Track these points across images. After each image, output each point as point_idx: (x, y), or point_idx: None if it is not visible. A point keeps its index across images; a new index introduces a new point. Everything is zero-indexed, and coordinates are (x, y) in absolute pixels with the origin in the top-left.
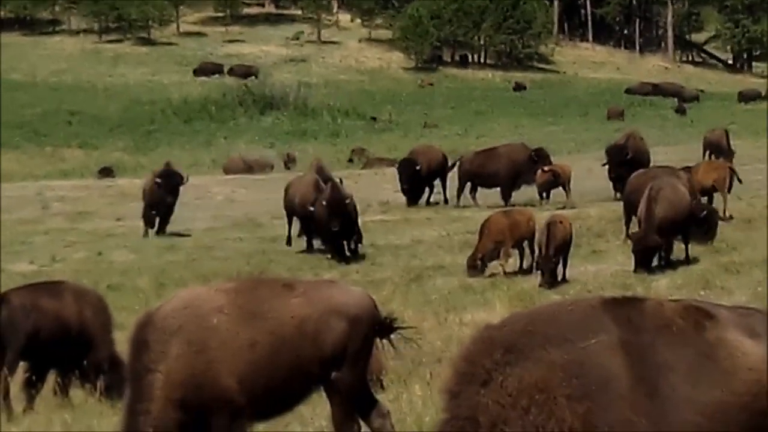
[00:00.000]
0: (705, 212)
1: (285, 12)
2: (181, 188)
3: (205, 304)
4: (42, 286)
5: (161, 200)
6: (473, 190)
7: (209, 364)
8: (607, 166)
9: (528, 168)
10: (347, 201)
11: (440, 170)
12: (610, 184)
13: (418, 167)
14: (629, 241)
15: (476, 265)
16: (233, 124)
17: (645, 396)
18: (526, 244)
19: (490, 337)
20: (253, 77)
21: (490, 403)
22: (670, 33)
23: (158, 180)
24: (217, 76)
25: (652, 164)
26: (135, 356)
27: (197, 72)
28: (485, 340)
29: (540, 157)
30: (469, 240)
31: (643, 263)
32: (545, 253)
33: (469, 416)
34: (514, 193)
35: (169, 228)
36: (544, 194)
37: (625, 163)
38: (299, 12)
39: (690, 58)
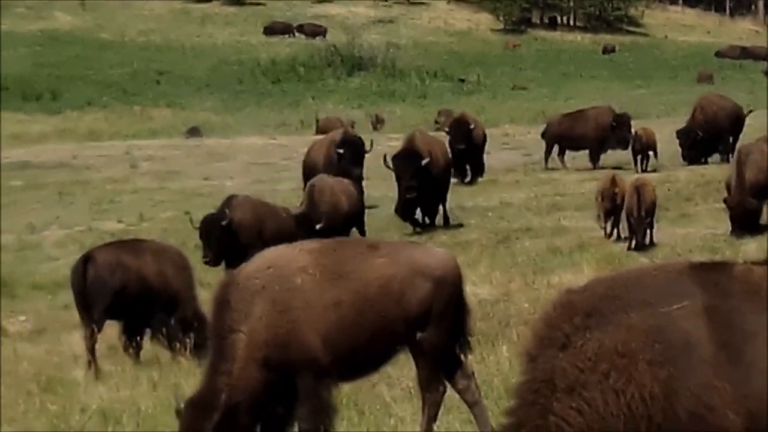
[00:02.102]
0: None
1: None
2: (270, 148)
3: (289, 264)
4: (125, 244)
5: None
6: (561, 153)
7: (293, 323)
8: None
9: (615, 131)
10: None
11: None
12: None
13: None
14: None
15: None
16: (321, 84)
17: (728, 362)
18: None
19: (570, 302)
20: (321, 36)
21: (568, 366)
22: None
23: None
24: (287, 36)
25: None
26: (218, 316)
27: (267, 31)
28: (565, 304)
29: (621, 122)
30: (558, 202)
31: (742, 227)
32: (637, 215)
33: (546, 379)
34: (602, 156)
35: (256, 188)
36: (639, 158)
37: (701, 141)
38: None
39: None
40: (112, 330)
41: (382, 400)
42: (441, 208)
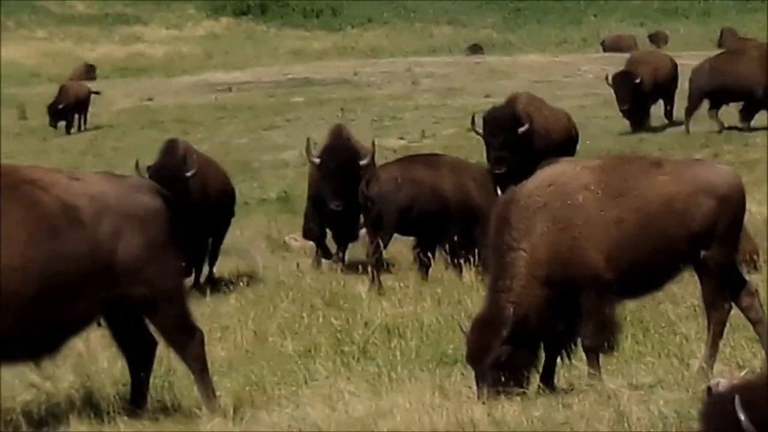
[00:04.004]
0: None
1: None
2: (551, 66)
3: (570, 181)
4: (417, 159)
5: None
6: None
7: (575, 240)
8: None
9: None
10: None
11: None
12: None
13: (638, 80)
14: None
15: None
16: (604, 2)
17: None
18: None
19: None
20: None
21: None
22: None
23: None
24: None
25: None
26: (498, 234)
27: None
28: None
29: None
30: None
31: None
32: None
33: None
34: None
35: None
36: None
37: None
38: None
39: None
40: (393, 246)
41: (667, 318)
42: None
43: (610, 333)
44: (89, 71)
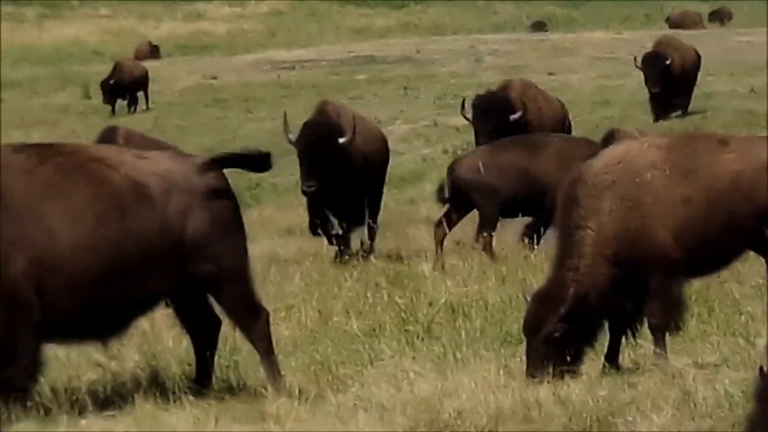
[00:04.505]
0: None
1: None
2: (615, 43)
3: (638, 159)
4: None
5: None
6: None
7: (643, 219)
8: None
9: None
10: None
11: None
12: None
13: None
14: None
15: None
16: None
17: None
18: None
19: None
20: None
21: None
22: None
23: None
24: None
25: None
26: (565, 212)
27: None
28: None
29: None
30: None
31: None
32: None
33: None
34: None
35: (600, 83)
36: None
37: None
38: None
39: None
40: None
41: (732, 297)
42: None
43: (677, 312)
44: (152, 50)
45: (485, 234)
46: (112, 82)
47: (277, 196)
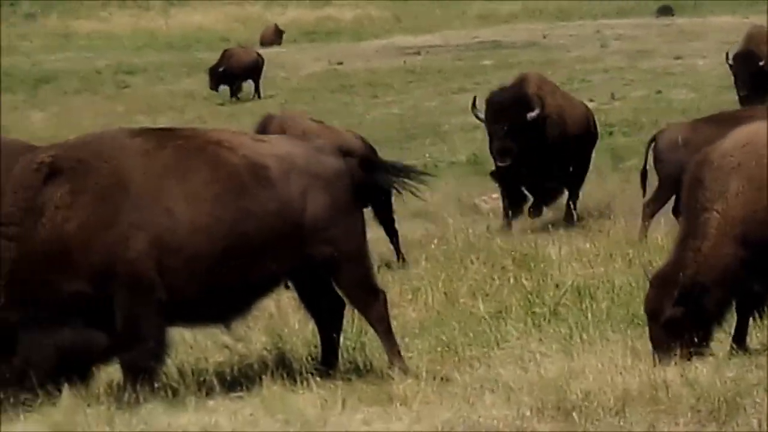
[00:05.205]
0: None
1: None
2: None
3: (765, 140)
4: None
5: None
6: None
7: None
8: None
9: None
10: None
11: None
12: None
13: (761, 63)
14: None
15: None
16: None
17: None
18: None
19: None
20: None
21: None
22: None
23: None
24: None
25: None
26: (690, 195)
27: None
28: None
29: None
30: None
31: None
32: None
33: None
34: None
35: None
36: None
37: None
38: None
39: None
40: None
41: None
42: None
43: None
44: (278, 35)
45: (651, 206)
46: (221, 69)
47: None
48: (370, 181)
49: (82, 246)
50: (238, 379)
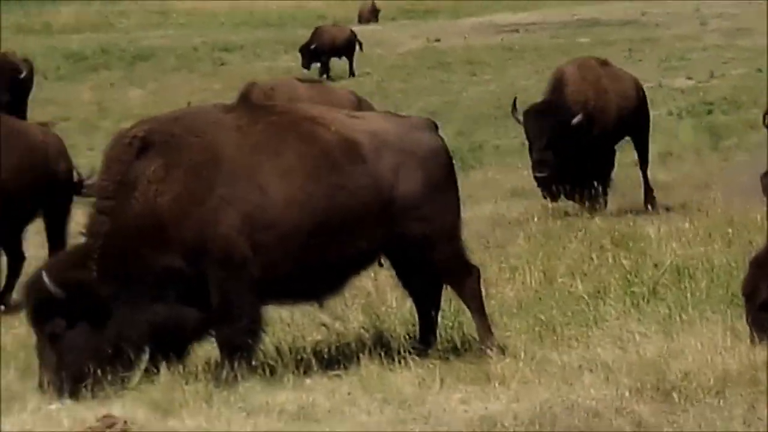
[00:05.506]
0: None
1: None
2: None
3: None
4: None
5: None
6: None
7: None
8: None
9: None
10: None
11: None
12: None
13: None
14: None
15: None
16: None
17: None
18: None
19: None
20: None
21: None
22: None
23: None
24: None
25: None
26: None
27: None
28: None
29: None
30: None
31: None
32: None
33: None
34: None
35: None
36: None
37: None
38: None
39: None
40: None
41: None
42: None
43: None
44: (375, 12)
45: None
46: (312, 47)
47: (500, 157)
48: None
49: (174, 221)
50: (335, 358)
